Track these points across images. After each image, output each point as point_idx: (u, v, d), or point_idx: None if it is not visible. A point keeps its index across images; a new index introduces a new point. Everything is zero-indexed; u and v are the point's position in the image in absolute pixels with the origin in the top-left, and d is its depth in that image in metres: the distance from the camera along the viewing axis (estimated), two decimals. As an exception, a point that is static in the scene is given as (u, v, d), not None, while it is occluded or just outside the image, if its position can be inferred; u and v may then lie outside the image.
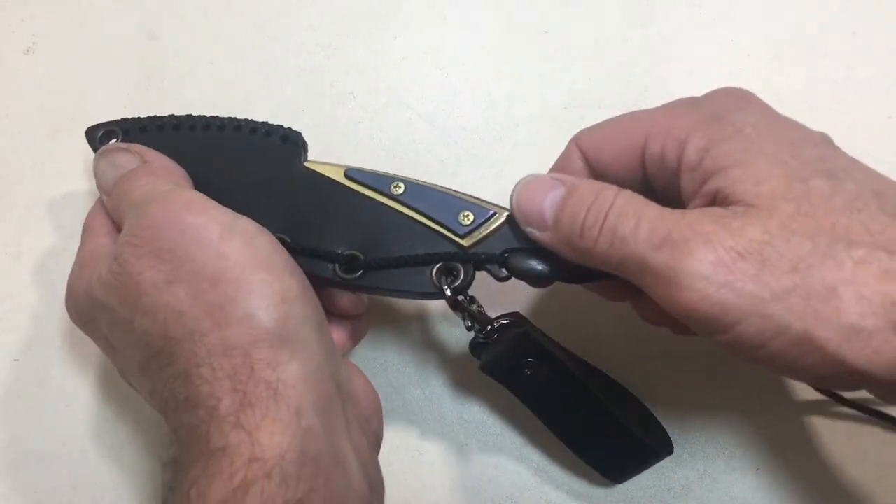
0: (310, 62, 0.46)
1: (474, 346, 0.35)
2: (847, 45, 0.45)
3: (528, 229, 0.31)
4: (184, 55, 0.46)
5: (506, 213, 0.33)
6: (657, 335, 0.36)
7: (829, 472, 0.38)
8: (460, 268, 0.33)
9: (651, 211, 0.27)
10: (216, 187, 0.32)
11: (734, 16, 0.46)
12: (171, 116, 0.37)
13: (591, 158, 0.33)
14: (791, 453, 0.38)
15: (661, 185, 0.31)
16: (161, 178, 0.33)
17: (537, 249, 0.32)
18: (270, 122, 0.37)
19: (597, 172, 0.33)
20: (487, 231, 0.33)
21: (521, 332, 0.33)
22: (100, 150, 0.35)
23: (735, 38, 0.45)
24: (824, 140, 0.29)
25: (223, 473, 0.25)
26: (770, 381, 0.39)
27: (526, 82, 0.45)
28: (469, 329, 0.34)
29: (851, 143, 0.44)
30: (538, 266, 0.32)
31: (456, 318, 0.34)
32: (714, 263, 0.25)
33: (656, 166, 0.30)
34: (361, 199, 0.34)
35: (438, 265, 0.33)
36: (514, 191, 0.32)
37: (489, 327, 0.33)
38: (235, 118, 0.37)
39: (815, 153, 0.27)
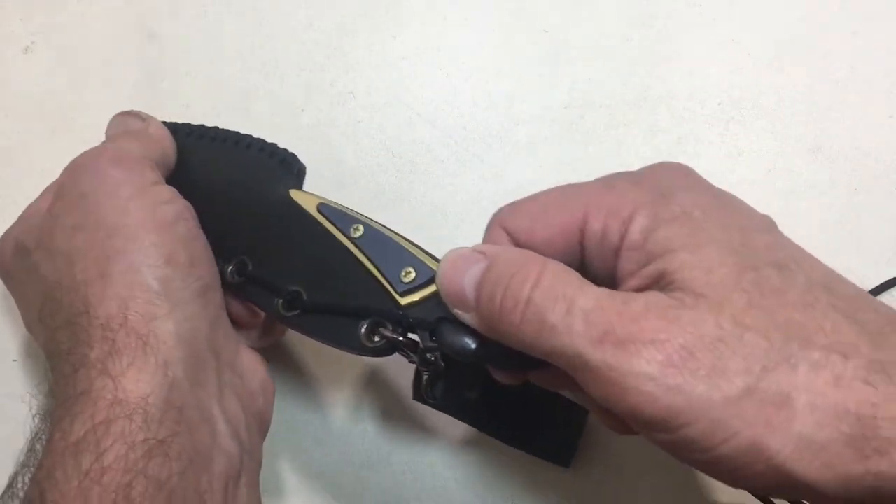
0: (310, 61, 0.46)
1: (425, 394, 0.32)
2: (848, 44, 0.45)
3: (455, 311, 0.28)
4: (183, 54, 0.46)
5: None
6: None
7: None
8: (390, 327, 0.29)
9: (586, 296, 0.24)
10: (209, 195, 0.32)
11: (734, 16, 0.46)
12: (201, 126, 0.38)
13: (521, 241, 0.29)
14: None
15: (598, 264, 0.28)
16: (136, 142, 0.34)
17: None
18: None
19: None
20: (427, 293, 0.29)
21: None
22: (122, 111, 0.37)
23: (735, 38, 0.45)
24: (771, 226, 0.27)
25: (85, 413, 0.26)
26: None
27: (526, 82, 0.45)
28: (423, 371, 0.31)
29: (852, 142, 0.44)
30: (469, 343, 0.28)
31: None
32: (663, 364, 0.23)
33: (596, 245, 0.27)
34: (325, 236, 0.32)
35: (369, 321, 0.30)
36: (438, 267, 0.28)
37: (429, 364, 0.30)
38: (251, 136, 0.37)
39: (764, 241, 0.26)
